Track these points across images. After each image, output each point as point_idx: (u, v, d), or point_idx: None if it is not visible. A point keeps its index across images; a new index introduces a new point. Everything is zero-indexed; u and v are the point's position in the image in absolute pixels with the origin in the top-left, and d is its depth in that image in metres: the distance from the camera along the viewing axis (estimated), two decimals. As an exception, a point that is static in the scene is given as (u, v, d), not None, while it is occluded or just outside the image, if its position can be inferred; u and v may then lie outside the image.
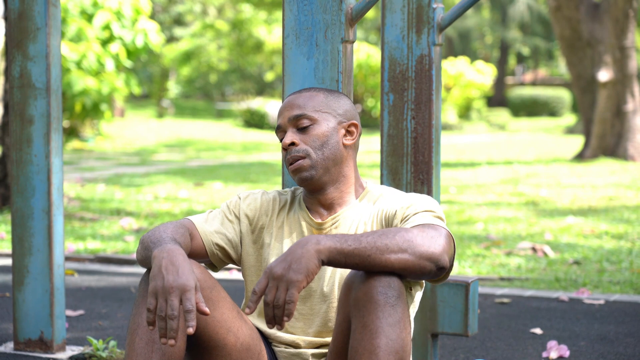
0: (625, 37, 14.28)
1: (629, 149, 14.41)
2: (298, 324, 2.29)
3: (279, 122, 2.34)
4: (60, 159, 3.46)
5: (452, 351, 3.70)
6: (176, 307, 1.94)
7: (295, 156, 2.28)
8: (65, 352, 3.45)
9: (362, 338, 2.00)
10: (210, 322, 2.15)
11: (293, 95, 2.36)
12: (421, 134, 3.07)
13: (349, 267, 2.02)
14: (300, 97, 2.33)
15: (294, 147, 2.29)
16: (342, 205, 2.32)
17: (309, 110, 2.30)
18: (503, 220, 7.75)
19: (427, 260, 2.03)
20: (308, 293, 2.28)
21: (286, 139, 2.29)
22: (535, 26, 36.16)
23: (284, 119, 2.32)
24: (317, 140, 2.28)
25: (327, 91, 2.36)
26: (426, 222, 2.12)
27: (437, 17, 3.07)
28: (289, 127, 2.31)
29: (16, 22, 3.42)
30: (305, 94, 2.34)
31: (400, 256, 2.01)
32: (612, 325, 4.12)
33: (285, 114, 2.33)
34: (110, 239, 6.66)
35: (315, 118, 2.30)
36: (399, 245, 2.02)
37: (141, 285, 2.15)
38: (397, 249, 2.01)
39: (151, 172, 12.94)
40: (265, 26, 30.77)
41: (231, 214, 2.36)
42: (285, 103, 2.35)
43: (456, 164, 14.38)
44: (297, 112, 2.30)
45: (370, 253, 2.00)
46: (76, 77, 15.21)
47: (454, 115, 26.58)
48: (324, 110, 2.31)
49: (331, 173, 2.30)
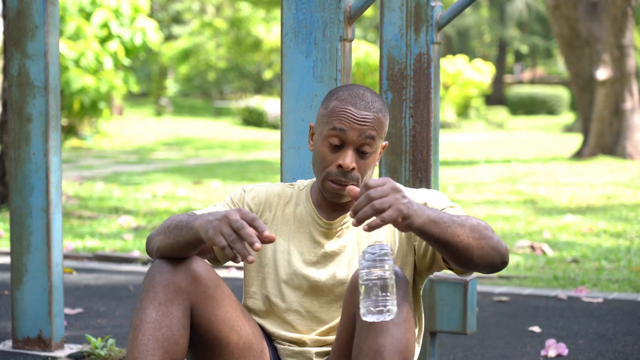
0: (624, 36, 14.28)
1: (627, 148, 14.42)
2: (310, 323, 2.28)
3: (343, 127, 2.19)
4: (59, 157, 3.46)
5: (451, 349, 3.70)
6: (237, 218, 1.95)
7: (348, 181, 2.20)
8: (63, 350, 3.45)
9: (367, 337, 2.00)
10: (214, 320, 2.15)
11: (361, 104, 2.21)
12: (420, 132, 3.08)
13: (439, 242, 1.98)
14: (371, 116, 2.20)
15: (351, 172, 2.20)
16: (352, 204, 2.28)
17: (378, 137, 2.21)
18: (501, 219, 7.76)
19: (498, 253, 2.04)
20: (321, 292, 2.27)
21: (348, 162, 2.19)
22: (534, 24, 36.15)
23: (354, 134, 2.19)
24: (367, 169, 2.22)
25: (384, 106, 2.25)
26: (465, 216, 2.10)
27: (436, 16, 3.07)
28: (352, 145, 2.20)
29: (14, 20, 3.42)
30: (374, 113, 2.20)
31: (481, 242, 2.01)
32: (611, 324, 4.13)
33: (356, 127, 2.18)
34: (109, 237, 6.66)
35: (376, 148, 2.23)
36: (481, 232, 2.01)
37: (146, 280, 2.14)
38: (479, 235, 2.01)
39: (149, 170, 12.94)
40: (264, 24, 30.75)
41: (235, 207, 2.33)
42: (354, 112, 2.20)
43: (454, 163, 14.38)
44: (370, 136, 2.19)
45: (459, 233, 1.98)
46: (74, 75, 15.20)
47: (453, 113, 26.57)
48: (382, 137, 2.25)
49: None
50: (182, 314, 2.11)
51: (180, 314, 2.11)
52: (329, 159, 2.21)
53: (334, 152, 2.21)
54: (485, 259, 2.02)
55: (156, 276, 2.12)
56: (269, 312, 2.31)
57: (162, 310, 2.09)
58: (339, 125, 2.19)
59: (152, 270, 2.14)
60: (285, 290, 2.27)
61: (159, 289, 2.11)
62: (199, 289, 2.13)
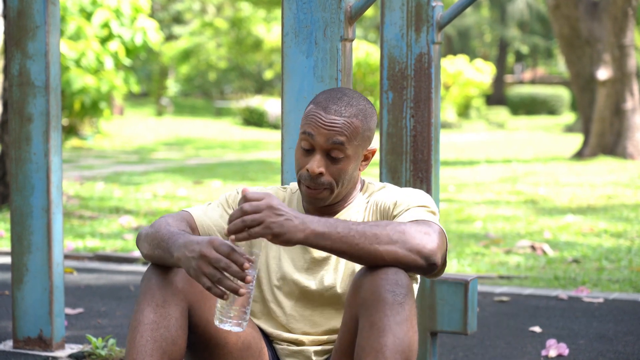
0: (624, 36, 14.28)
1: (628, 148, 14.42)
2: (304, 326, 2.28)
3: (313, 135, 2.19)
4: (59, 157, 3.46)
5: (451, 349, 3.70)
6: (217, 257, 1.95)
7: (318, 186, 2.20)
8: (64, 350, 3.45)
9: (369, 336, 2.00)
10: (212, 320, 2.15)
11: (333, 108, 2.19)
12: (420, 132, 3.08)
13: (335, 252, 2.00)
14: (341, 121, 2.18)
15: (320, 177, 2.20)
16: (341, 208, 2.30)
17: (347, 142, 2.18)
18: (502, 219, 7.76)
19: (417, 254, 2.02)
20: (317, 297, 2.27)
21: (315, 166, 2.18)
22: (534, 24, 36.15)
23: (320, 138, 2.18)
24: (342, 174, 2.20)
25: (364, 111, 2.22)
26: (420, 217, 2.12)
27: (436, 16, 3.07)
28: (321, 149, 2.19)
29: (15, 20, 3.42)
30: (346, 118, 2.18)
31: (389, 247, 2.00)
32: (611, 324, 4.12)
33: (323, 133, 2.18)
34: (110, 237, 6.66)
35: (349, 153, 2.20)
36: (390, 236, 2.01)
37: (143, 282, 2.14)
38: (387, 240, 2.00)
39: (150, 170, 12.94)
40: (264, 24, 30.76)
41: (230, 207, 2.33)
42: (323, 116, 2.18)
43: (455, 163, 14.38)
44: (337, 142, 2.17)
45: (358, 242, 1.99)
46: (75, 75, 15.20)
47: (453, 113, 26.57)
48: (357, 142, 2.21)
49: (342, 194, 2.27)
50: (180, 314, 2.12)
51: (178, 314, 2.11)
52: (301, 163, 2.23)
53: (305, 156, 2.22)
54: (401, 262, 2.02)
55: (152, 278, 2.13)
56: (267, 315, 2.31)
57: (159, 311, 2.10)
58: (308, 129, 2.20)
59: (149, 272, 2.15)
60: (279, 296, 2.28)
61: (156, 291, 2.11)
62: (196, 289, 2.14)
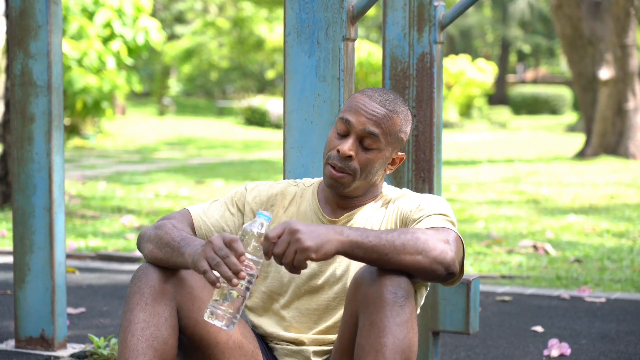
0: (627, 35, 14.27)
1: (630, 147, 14.41)
2: (308, 320, 2.28)
3: (351, 119, 2.21)
4: (62, 157, 3.46)
5: (454, 349, 3.70)
6: (220, 244, 1.97)
7: (343, 169, 2.21)
8: (66, 349, 3.45)
9: (369, 336, 2.00)
10: (201, 320, 2.16)
11: (378, 98, 2.22)
12: (422, 132, 3.07)
13: (365, 261, 2.02)
14: (382, 111, 2.21)
15: (349, 160, 2.21)
16: (358, 206, 2.30)
17: (382, 134, 2.20)
18: (504, 219, 7.75)
19: (440, 264, 2.04)
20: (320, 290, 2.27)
21: (346, 148, 2.20)
22: (536, 24, 36.13)
23: (358, 123, 2.20)
24: (369, 165, 2.22)
25: (405, 113, 2.26)
26: (439, 225, 2.13)
27: (439, 15, 3.07)
28: (355, 134, 2.21)
29: (17, 19, 3.42)
30: (388, 110, 2.21)
31: (415, 258, 2.02)
32: (613, 324, 4.12)
33: (361, 119, 2.20)
34: (112, 236, 6.66)
35: (381, 146, 2.22)
36: (416, 247, 2.02)
37: (132, 282, 2.16)
38: (414, 250, 2.02)
39: (152, 170, 12.94)
40: (267, 24, 30.75)
41: (234, 206, 2.34)
42: (365, 102, 2.22)
43: (457, 162, 14.38)
44: (373, 130, 2.19)
45: (388, 252, 2.00)
46: (77, 74, 15.21)
47: (455, 113, 26.57)
48: (392, 139, 2.23)
49: (361, 189, 2.28)
50: (169, 314, 2.13)
51: (167, 314, 2.13)
52: (333, 144, 2.24)
53: (338, 139, 2.24)
54: (423, 271, 2.03)
55: (142, 278, 2.15)
56: (267, 309, 2.32)
57: (149, 310, 2.11)
58: (347, 115, 2.23)
59: (139, 272, 2.16)
60: (286, 288, 2.28)
61: (145, 291, 2.13)
62: (184, 289, 2.16)
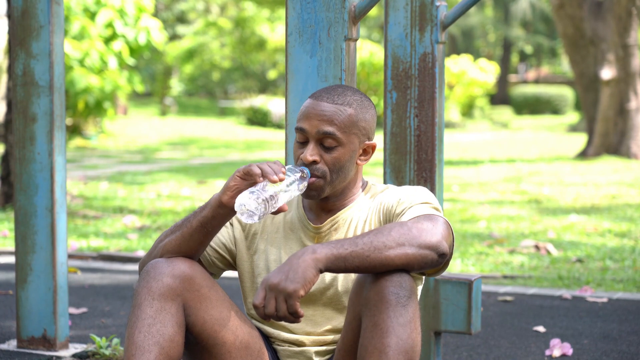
0: (629, 35, 14.26)
1: (632, 147, 14.40)
2: (305, 326, 2.29)
3: (304, 126, 2.21)
4: (64, 157, 3.46)
5: (455, 349, 3.70)
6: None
7: (313, 174, 2.22)
8: (68, 349, 3.45)
9: (372, 337, 2.00)
10: (208, 319, 2.17)
11: (325, 97, 2.23)
12: (424, 132, 3.07)
13: (351, 270, 2.01)
14: (332, 108, 2.21)
15: (314, 165, 2.21)
16: (341, 207, 2.30)
17: (338, 130, 2.20)
18: (506, 219, 7.75)
19: (427, 248, 2.02)
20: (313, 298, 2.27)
21: (309, 155, 2.20)
22: (538, 24, 36.12)
23: (311, 127, 2.21)
24: (337, 164, 2.22)
25: (358, 102, 2.25)
26: (422, 213, 2.12)
27: (440, 15, 3.07)
28: (314, 139, 2.22)
29: (19, 20, 3.42)
30: (338, 105, 2.21)
31: (399, 251, 2.01)
32: (615, 324, 4.12)
33: (313, 122, 2.21)
34: (114, 236, 6.66)
35: (342, 141, 2.21)
36: (396, 239, 2.01)
37: (141, 278, 2.17)
38: (395, 244, 2.01)
39: (154, 170, 12.94)
40: (268, 24, 30.76)
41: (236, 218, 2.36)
42: (313, 105, 2.22)
43: (459, 162, 14.37)
44: (327, 130, 2.19)
45: (368, 253, 1.99)
46: (79, 75, 15.22)
47: (457, 113, 26.56)
48: (352, 131, 2.22)
49: (337, 188, 2.27)
50: (176, 311, 2.13)
51: (174, 311, 2.13)
52: (296, 155, 2.26)
53: (300, 148, 2.25)
54: (412, 261, 2.02)
55: (151, 274, 2.15)
56: None
57: (156, 306, 2.12)
58: (300, 124, 2.24)
59: (147, 269, 2.17)
60: None
61: (153, 287, 2.13)
62: (192, 288, 2.16)
